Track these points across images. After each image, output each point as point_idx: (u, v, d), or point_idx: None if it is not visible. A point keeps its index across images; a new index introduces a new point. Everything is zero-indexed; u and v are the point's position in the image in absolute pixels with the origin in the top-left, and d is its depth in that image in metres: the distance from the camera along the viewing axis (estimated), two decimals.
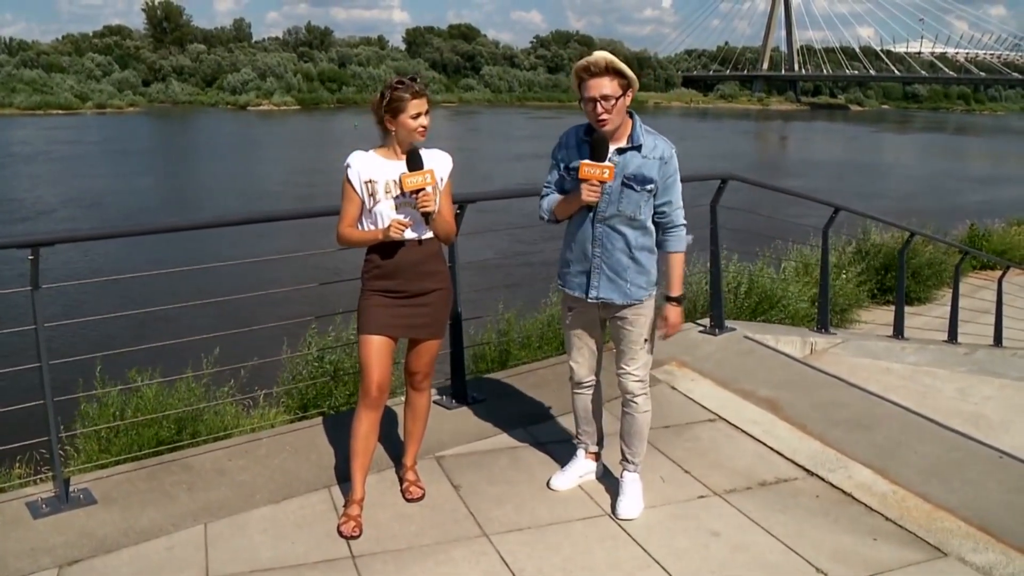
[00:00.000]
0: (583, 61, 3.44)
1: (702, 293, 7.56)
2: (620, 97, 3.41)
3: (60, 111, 67.77)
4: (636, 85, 3.48)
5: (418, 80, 3.49)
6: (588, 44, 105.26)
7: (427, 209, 3.44)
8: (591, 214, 3.56)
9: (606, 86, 3.38)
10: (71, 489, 3.77)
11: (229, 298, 5.44)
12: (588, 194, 3.46)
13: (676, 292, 3.63)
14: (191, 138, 52.64)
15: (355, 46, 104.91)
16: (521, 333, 6.93)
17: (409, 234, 3.49)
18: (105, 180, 31.23)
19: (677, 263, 3.63)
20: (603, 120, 3.42)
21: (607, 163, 3.45)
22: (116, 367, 5.34)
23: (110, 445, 5.06)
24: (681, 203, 3.61)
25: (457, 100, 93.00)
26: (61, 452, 4.07)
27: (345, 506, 3.65)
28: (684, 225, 3.63)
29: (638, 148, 3.51)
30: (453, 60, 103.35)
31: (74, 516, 3.61)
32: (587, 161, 3.46)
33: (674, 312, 3.63)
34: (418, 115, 3.44)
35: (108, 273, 15.55)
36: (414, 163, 3.43)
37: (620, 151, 3.51)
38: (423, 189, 3.42)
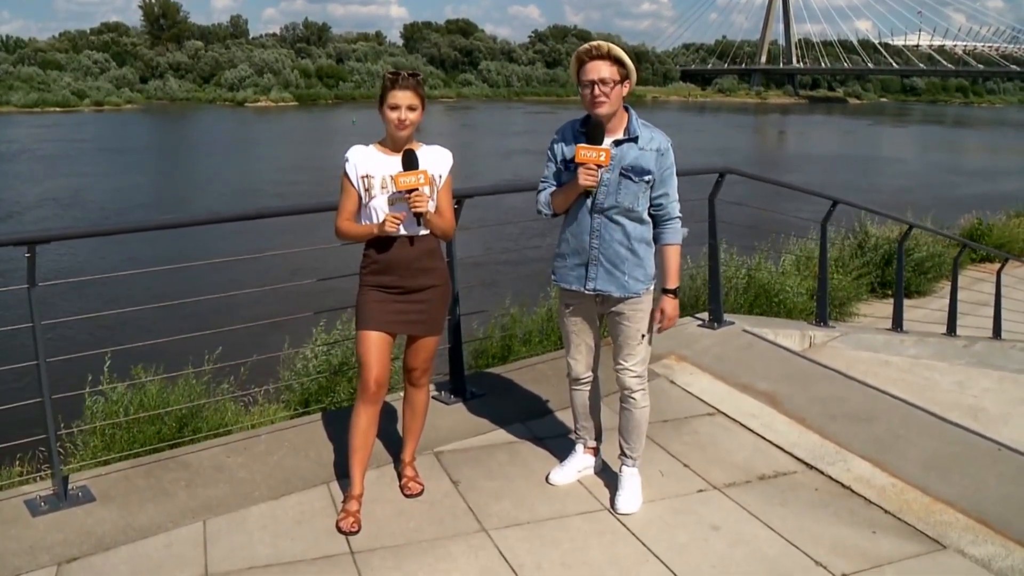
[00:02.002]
0: (584, 46, 3.50)
1: (701, 287, 7.56)
2: (618, 84, 3.42)
3: (58, 109, 67.64)
4: (634, 77, 3.49)
5: (416, 75, 3.48)
6: (586, 39, 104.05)
7: (418, 210, 3.43)
8: (589, 205, 3.56)
9: (604, 70, 3.41)
10: (70, 487, 3.77)
11: (228, 295, 5.44)
12: (585, 178, 3.46)
13: (673, 284, 3.63)
14: (188, 135, 52.53)
15: (353, 42, 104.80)
16: (521, 328, 6.93)
17: (402, 231, 3.49)
18: (98, 178, 31.02)
19: (673, 255, 3.63)
20: (599, 103, 3.43)
21: (603, 147, 3.46)
22: (114, 364, 5.34)
23: (109, 443, 5.06)
24: (677, 196, 3.62)
25: (455, 95, 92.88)
26: (60, 450, 4.06)
27: (344, 502, 3.65)
28: (680, 217, 3.64)
29: (635, 140, 3.52)
30: (451, 55, 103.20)
31: (73, 514, 3.61)
32: (583, 144, 3.47)
33: (671, 304, 3.63)
34: (396, 107, 3.43)
35: (102, 271, 15.52)
36: (409, 163, 3.43)
37: (617, 143, 3.52)
38: (416, 189, 3.42)
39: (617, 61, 3.42)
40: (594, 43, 3.48)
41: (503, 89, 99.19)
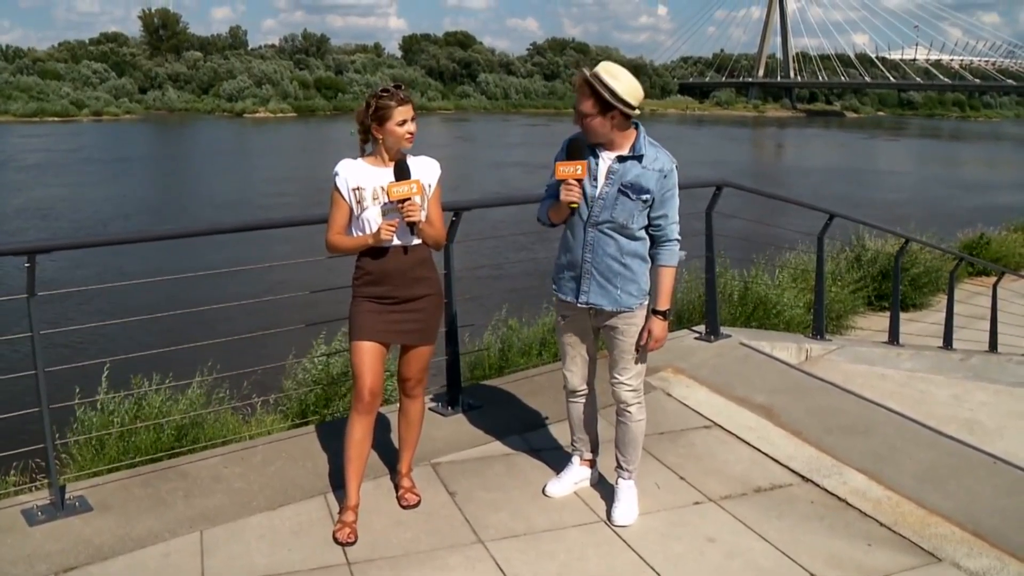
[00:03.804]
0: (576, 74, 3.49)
1: (697, 300, 7.58)
2: (595, 117, 3.42)
3: (56, 118, 67.66)
4: (624, 108, 3.40)
5: (402, 88, 3.53)
6: (584, 51, 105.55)
7: (412, 219, 3.46)
8: (584, 218, 3.58)
9: (581, 102, 3.44)
10: (67, 496, 3.77)
11: (226, 305, 5.45)
12: (565, 194, 3.50)
13: (663, 306, 3.63)
14: (185, 146, 52.47)
15: (351, 53, 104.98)
16: (521, 340, 6.95)
17: (395, 241, 3.51)
18: (91, 188, 30.67)
19: (667, 277, 3.63)
20: (582, 130, 3.50)
21: (580, 161, 3.48)
22: (112, 374, 5.34)
23: (107, 452, 5.06)
24: (677, 218, 3.62)
25: (453, 107, 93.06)
26: (57, 460, 4.07)
27: (340, 513, 3.65)
28: (678, 240, 3.64)
29: (639, 158, 3.52)
30: (449, 67, 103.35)
31: (70, 523, 3.61)
32: (561, 160, 3.50)
33: (659, 326, 3.63)
34: (404, 122, 3.47)
35: (100, 282, 15.52)
36: (401, 173, 3.46)
37: (621, 159, 3.53)
38: (409, 199, 3.44)
39: (592, 94, 3.39)
40: (578, 73, 3.46)
41: (501, 101, 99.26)
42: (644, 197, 3.51)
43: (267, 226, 5.54)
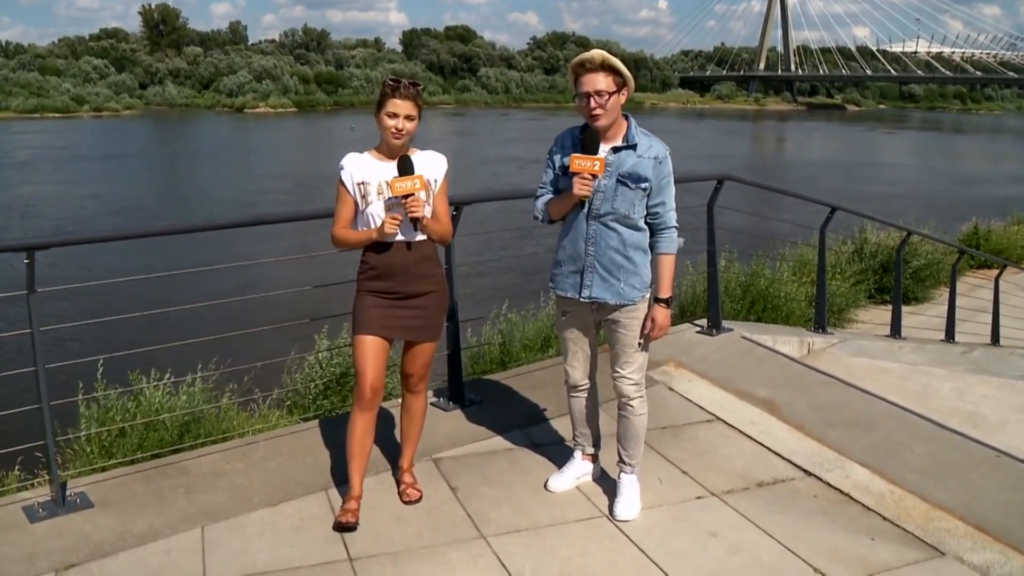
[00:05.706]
0: (579, 57, 3.49)
1: (699, 293, 7.56)
2: (614, 94, 3.43)
3: (57, 114, 67.71)
4: (631, 85, 3.49)
5: (417, 85, 3.49)
6: (585, 45, 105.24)
7: (415, 215, 3.44)
8: (585, 212, 3.56)
9: (600, 82, 3.41)
10: (68, 493, 3.76)
11: (226, 301, 5.45)
12: (579, 187, 3.47)
13: (665, 294, 3.63)
14: (185, 141, 52.35)
15: (352, 48, 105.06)
16: (520, 334, 6.92)
17: (399, 236, 3.50)
18: (84, 185, 30.65)
19: (667, 264, 3.63)
20: (596, 115, 3.44)
21: (598, 156, 3.46)
22: (112, 370, 5.33)
23: (108, 449, 5.05)
24: (673, 205, 3.62)
25: (454, 102, 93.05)
26: (58, 456, 4.06)
27: (343, 503, 3.64)
28: (676, 227, 3.64)
29: (633, 147, 3.52)
30: (450, 62, 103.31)
31: (71, 520, 3.61)
32: (578, 154, 3.48)
33: (662, 314, 3.63)
34: (394, 115, 3.43)
35: (100, 278, 15.51)
36: (404, 168, 3.44)
37: (615, 149, 3.52)
38: (412, 194, 3.42)
39: (612, 71, 3.42)
40: (587, 55, 3.46)
41: (502, 95, 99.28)
42: (643, 185, 3.51)
43: (267, 221, 5.52)
